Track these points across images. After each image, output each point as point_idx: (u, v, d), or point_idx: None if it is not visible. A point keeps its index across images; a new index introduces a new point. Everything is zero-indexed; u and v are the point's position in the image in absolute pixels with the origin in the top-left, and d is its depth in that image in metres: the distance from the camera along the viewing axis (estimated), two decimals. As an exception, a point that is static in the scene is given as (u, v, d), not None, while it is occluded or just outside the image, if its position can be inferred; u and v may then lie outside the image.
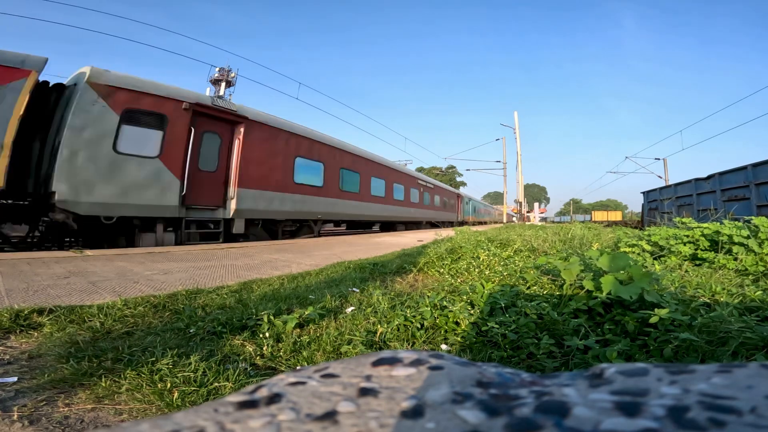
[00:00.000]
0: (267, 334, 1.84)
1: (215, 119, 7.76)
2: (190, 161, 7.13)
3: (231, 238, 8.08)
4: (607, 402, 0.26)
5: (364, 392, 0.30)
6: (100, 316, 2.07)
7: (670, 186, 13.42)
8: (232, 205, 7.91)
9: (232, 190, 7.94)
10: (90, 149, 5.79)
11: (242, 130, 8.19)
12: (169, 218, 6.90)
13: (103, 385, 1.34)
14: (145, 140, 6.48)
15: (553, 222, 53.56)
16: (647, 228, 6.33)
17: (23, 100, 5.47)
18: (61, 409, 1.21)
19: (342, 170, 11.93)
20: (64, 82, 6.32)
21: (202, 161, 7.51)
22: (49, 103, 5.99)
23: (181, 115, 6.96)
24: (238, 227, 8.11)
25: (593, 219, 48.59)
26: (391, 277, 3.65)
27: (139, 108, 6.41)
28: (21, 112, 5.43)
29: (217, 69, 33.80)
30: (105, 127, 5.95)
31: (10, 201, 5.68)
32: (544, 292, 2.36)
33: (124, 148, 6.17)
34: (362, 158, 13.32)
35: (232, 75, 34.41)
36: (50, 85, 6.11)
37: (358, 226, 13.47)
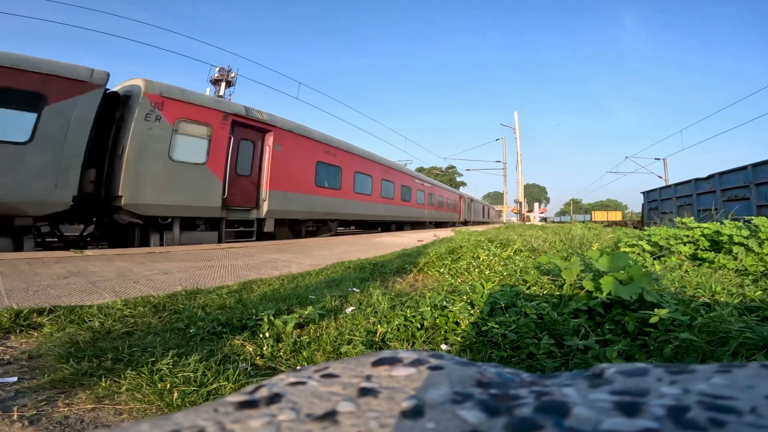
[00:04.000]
0: (267, 334, 1.84)
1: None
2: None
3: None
4: (607, 402, 0.26)
5: (364, 392, 0.30)
6: (100, 316, 2.07)
7: (670, 186, 13.42)
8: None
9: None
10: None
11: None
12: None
13: (103, 385, 1.34)
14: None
15: (553, 222, 53.51)
16: (647, 228, 6.32)
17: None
18: (61, 409, 1.21)
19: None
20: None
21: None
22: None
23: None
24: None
25: (593, 219, 48.46)
26: (391, 277, 3.65)
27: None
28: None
29: (217, 69, 33.73)
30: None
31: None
32: (544, 292, 2.36)
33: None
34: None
35: (232, 75, 34.36)
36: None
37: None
